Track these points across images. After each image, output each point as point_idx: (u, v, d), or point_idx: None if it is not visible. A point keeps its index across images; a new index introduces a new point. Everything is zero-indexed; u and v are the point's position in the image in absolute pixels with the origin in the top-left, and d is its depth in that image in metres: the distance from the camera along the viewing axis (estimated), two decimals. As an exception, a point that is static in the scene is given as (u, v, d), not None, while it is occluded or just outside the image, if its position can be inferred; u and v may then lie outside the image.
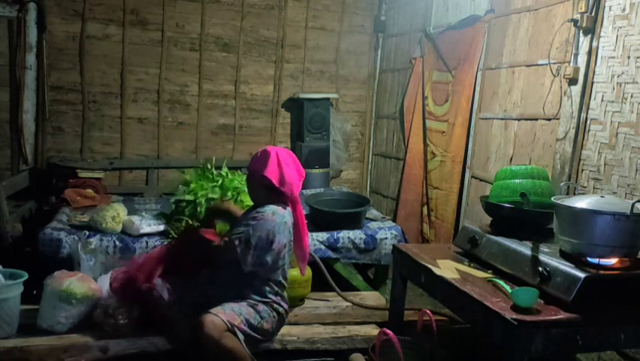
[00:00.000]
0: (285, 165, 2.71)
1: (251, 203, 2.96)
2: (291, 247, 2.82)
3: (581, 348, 2.28)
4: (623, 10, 2.92)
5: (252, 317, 2.64)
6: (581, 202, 2.24)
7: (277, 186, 2.69)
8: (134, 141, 5.45)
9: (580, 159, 3.15)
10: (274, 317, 2.73)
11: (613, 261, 2.21)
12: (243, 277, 2.69)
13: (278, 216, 2.68)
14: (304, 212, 2.86)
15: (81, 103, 5.25)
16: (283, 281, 2.80)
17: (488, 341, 2.10)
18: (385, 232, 4.04)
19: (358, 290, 3.86)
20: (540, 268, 2.20)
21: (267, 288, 2.73)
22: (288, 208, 2.78)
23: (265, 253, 2.65)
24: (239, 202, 3.51)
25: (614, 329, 2.07)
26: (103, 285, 2.95)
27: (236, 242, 2.61)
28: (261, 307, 2.69)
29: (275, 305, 2.74)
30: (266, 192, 2.73)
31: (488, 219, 2.85)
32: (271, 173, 2.68)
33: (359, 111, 6.19)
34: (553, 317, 2.01)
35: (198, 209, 3.57)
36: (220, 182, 3.70)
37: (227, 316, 2.55)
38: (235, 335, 2.53)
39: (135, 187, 5.41)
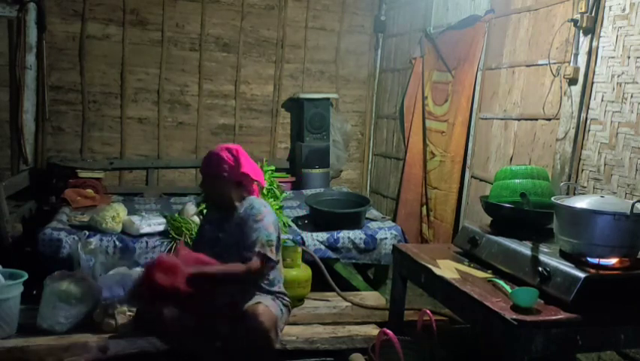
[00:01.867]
0: (246, 158, 2.72)
1: None
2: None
3: (581, 348, 2.28)
4: (623, 10, 2.92)
5: (278, 311, 2.60)
6: (581, 202, 2.24)
7: (255, 179, 2.70)
8: (134, 141, 5.45)
9: (580, 159, 3.15)
10: (283, 311, 2.68)
11: (613, 261, 2.21)
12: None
13: (268, 205, 2.70)
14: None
15: (81, 103, 5.24)
16: (280, 271, 2.77)
17: (488, 341, 2.10)
18: (385, 232, 4.05)
19: (358, 290, 3.86)
20: (540, 268, 2.20)
21: (274, 279, 2.68)
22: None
23: (279, 243, 2.66)
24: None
25: (614, 329, 2.07)
26: (103, 285, 2.95)
27: (257, 249, 2.50)
28: (278, 301, 2.65)
29: (281, 297, 2.69)
30: (237, 189, 2.68)
31: (488, 219, 2.85)
32: (249, 169, 2.67)
33: (359, 111, 6.18)
34: (553, 317, 2.01)
35: None
36: None
37: (274, 308, 2.54)
38: (276, 328, 2.52)
39: (135, 187, 5.41)
